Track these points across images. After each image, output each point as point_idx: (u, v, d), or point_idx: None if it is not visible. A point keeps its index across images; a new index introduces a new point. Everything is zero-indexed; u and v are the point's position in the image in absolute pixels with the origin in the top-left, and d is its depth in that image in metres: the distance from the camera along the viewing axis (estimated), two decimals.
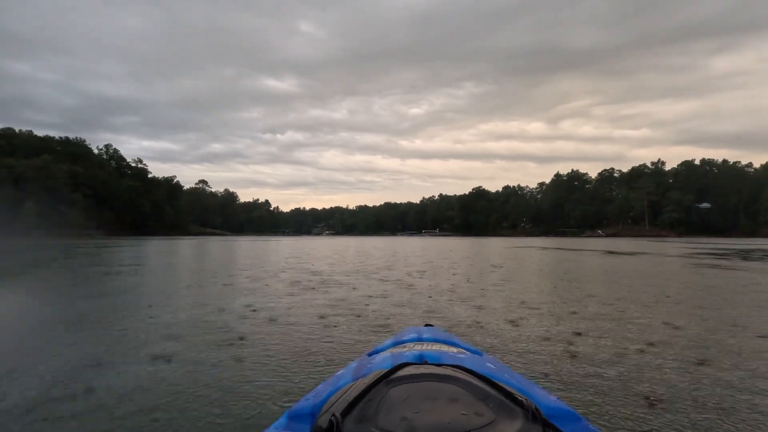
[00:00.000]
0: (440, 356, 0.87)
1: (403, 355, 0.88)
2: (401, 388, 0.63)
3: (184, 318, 4.07)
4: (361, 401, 0.61)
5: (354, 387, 0.70)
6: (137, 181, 70.57)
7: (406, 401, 0.60)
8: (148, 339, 3.28)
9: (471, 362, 0.82)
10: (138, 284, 6.97)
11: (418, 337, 1.12)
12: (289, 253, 16.69)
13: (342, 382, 0.79)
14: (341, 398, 0.67)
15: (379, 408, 0.59)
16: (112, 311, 4.44)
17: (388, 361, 0.84)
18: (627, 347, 3.07)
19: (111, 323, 3.85)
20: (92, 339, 3.31)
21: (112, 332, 3.50)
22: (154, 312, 4.34)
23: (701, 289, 6.40)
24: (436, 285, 6.76)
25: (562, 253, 17.68)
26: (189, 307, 4.67)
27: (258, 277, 7.92)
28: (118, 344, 3.14)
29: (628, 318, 4.13)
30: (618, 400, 2.10)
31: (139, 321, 3.94)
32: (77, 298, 5.39)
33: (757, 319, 4.13)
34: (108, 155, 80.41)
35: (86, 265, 11.11)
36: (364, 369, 0.84)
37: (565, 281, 7.46)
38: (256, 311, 4.43)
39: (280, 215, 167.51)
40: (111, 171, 69.28)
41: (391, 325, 3.78)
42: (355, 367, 0.90)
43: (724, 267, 10.33)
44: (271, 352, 2.92)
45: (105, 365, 2.64)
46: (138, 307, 4.62)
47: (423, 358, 0.84)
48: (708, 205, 79.05)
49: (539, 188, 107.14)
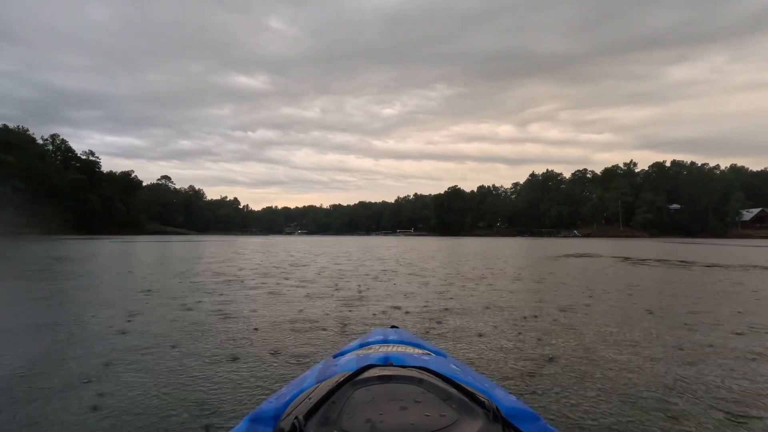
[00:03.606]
0: (405, 358, 0.86)
1: (369, 357, 0.87)
2: (366, 390, 0.63)
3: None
4: (325, 403, 0.60)
5: (318, 389, 0.68)
6: (83, 174, 64.15)
7: (371, 403, 0.59)
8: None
9: (435, 363, 0.82)
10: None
11: (383, 339, 1.11)
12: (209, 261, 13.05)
13: (306, 384, 0.77)
14: (305, 400, 0.66)
15: (343, 410, 0.58)
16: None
17: (353, 363, 0.82)
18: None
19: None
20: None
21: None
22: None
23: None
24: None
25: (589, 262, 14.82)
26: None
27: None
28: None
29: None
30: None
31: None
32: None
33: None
34: (54, 146, 73.54)
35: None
36: (329, 371, 0.82)
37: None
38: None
39: (251, 214, 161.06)
40: (53, 163, 62.73)
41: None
42: (319, 368, 0.88)
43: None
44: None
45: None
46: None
47: (388, 359, 0.83)
48: (678, 206, 79.82)
49: (513, 188, 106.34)
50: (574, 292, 5.87)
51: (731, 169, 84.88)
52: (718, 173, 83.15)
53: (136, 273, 8.26)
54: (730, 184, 77.22)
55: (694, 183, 79.86)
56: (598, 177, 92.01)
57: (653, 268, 10.01)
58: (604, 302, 5.07)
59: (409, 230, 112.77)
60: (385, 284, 6.69)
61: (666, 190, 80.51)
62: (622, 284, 6.90)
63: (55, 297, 5.18)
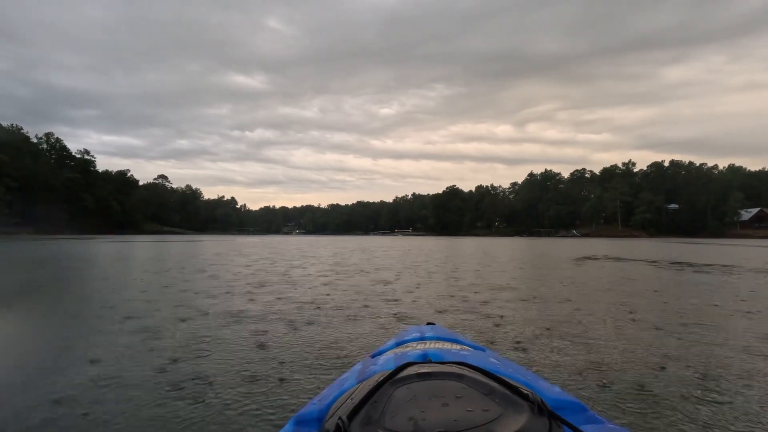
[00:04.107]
0: (443, 354, 0.85)
1: (407, 355, 0.86)
2: (406, 388, 0.63)
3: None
4: (366, 403, 0.60)
5: (359, 389, 0.68)
6: (78, 173, 63.45)
7: (412, 401, 0.59)
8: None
9: (474, 358, 0.82)
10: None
11: (420, 336, 1.10)
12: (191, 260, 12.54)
13: (346, 385, 0.77)
14: (347, 401, 0.66)
15: (385, 409, 0.58)
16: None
17: (392, 362, 0.82)
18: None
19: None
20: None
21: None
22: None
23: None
24: None
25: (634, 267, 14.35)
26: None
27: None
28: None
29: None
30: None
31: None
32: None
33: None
34: (49, 145, 72.79)
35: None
36: (368, 371, 0.82)
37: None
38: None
39: (248, 213, 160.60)
40: (47, 162, 62.01)
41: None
42: (359, 369, 0.88)
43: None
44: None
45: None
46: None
47: (426, 356, 0.83)
48: (676, 206, 79.64)
49: (512, 188, 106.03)
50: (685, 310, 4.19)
51: (729, 169, 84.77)
52: (716, 173, 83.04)
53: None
54: (728, 183, 77.07)
55: (693, 183, 79.71)
56: (596, 177, 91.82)
57: (712, 275, 7.80)
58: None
59: (408, 230, 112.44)
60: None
61: (664, 190, 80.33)
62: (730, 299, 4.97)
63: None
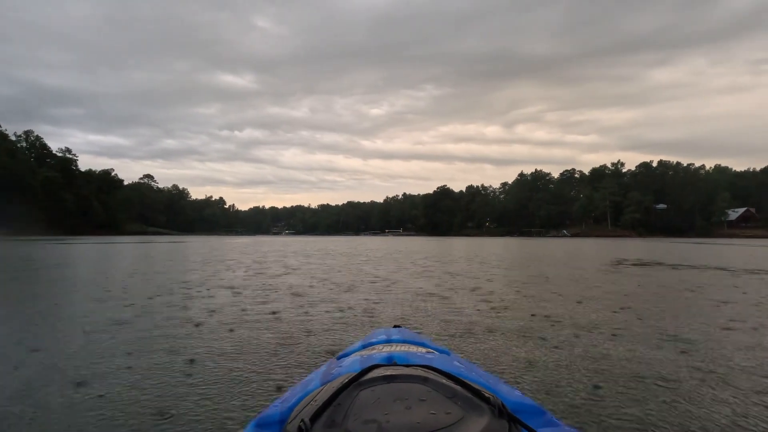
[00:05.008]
0: (409, 357, 0.85)
1: (372, 357, 0.86)
2: (370, 391, 0.62)
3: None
4: (330, 405, 0.60)
5: (323, 391, 0.67)
6: (57, 172, 61.40)
7: (376, 403, 0.59)
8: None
9: (439, 362, 0.82)
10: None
11: (386, 339, 1.09)
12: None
13: (311, 386, 0.76)
14: (310, 403, 0.64)
15: (349, 411, 0.58)
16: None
17: (357, 364, 0.81)
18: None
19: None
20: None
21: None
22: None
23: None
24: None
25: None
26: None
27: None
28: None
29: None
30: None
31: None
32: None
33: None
34: (28, 143, 70.49)
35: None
36: (333, 372, 0.81)
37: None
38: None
39: (237, 214, 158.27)
40: (26, 160, 59.86)
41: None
42: (323, 371, 0.87)
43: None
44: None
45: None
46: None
47: (392, 359, 0.82)
48: (664, 206, 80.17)
49: (502, 188, 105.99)
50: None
51: (716, 170, 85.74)
52: (703, 173, 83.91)
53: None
54: (715, 183, 77.89)
55: (681, 183, 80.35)
56: (586, 177, 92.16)
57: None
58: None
59: (398, 230, 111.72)
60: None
61: (653, 190, 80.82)
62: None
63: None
